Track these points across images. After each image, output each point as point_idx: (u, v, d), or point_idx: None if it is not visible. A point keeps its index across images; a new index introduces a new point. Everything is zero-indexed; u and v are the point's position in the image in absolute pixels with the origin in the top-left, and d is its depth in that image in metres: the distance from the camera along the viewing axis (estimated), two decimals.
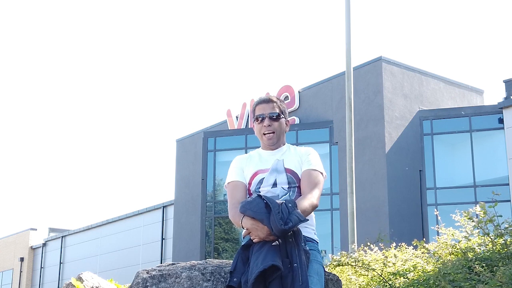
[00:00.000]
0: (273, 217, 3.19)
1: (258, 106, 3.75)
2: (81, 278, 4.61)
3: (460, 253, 5.54)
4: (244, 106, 25.29)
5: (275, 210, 3.22)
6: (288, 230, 3.19)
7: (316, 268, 3.38)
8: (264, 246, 3.24)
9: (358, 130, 20.29)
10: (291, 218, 3.21)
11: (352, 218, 12.00)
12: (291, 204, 3.28)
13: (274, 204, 3.27)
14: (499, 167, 19.74)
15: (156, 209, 30.07)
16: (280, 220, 3.17)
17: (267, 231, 3.24)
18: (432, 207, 19.33)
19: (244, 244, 3.39)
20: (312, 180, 3.54)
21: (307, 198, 3.44)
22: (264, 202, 3.29)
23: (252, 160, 3.72)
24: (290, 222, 3.19)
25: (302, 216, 3.26)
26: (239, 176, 3.68)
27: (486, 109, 20.49)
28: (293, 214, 3.23)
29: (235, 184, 3.66)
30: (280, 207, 3.24)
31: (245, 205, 3.37)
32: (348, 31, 13.09)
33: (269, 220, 3.21)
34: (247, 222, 3.33)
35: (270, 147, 3.73)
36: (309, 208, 3.41)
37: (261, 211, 3.26)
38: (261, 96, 3.83)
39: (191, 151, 27.31)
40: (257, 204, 3.30)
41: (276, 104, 3.74)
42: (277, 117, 3.71)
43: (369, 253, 6.38)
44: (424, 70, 22.52)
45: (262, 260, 3.14)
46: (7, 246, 41.20)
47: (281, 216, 3.19)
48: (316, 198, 3.48)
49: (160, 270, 3.54)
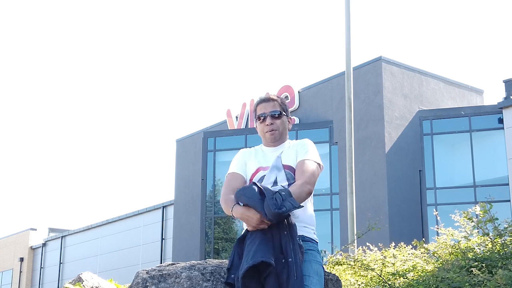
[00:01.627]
0: (267, 202, 3.19)
1: (259, 106, 3.76)
2: (81, 278, 4.61)
3: (460, 253, 5.54)
4: (244, 106, 25.31)
5: (269, 195, 3.22)
6: (281, 214, 3.18)
7: (316, 268, 3.38)
8: (256, 237, 3.24)
9: (358, 130, 20.30)
10: (285, 204, 3.20)
11: (352, 218, 12.00)
12: (285, 192, 3.27)
13: (268, 190, 3.28)
14: (499, 167, 19.75)
15: (156, 209, 30.08)
16: (274, 205, 3.18)
17: (258, 219, 3.24)
18: (431, 207, 19.33)
19: (239, 238, 3.40)
20: (306, 168, 3.51)
21: (300, 184, 3.42)
22: (258, 188, 3.30)
23: (257, 155, 3.73)
24: (284, 207, 3.18)
25: (296, 202, 3.25)
26: (240, 169, 3.68)
27: (486, 109, 20.49)
28: (287, 201, 3.22)
29: (234, 175, 3.66)
30: (274, 194, 3.24)
31: (240, 191, 3.37)
32: (348, 31, 13.09)
33: (262, 206, 3.21)
34: (238, 211, 3.34)
35: (273, 143, 3.74)
36: (303, 193, 3.37)
37: (255, 197, 3.26)
38: (261, 96, 3.84)
39: (191, 151, 27.32)
40: (251, 191, 3.31)
41: (277, 103, 3.75)
42: (278, 115, 3.72)
43: (368, 253, 6.38)
44: (424, 70, 22.53)
45: (253, 254, 3.14)
46: (7, 246, 41.20)
47: (275, 202, 3.20)
48: (310, 184, 3.43)
49: (160, 270, 3.54)
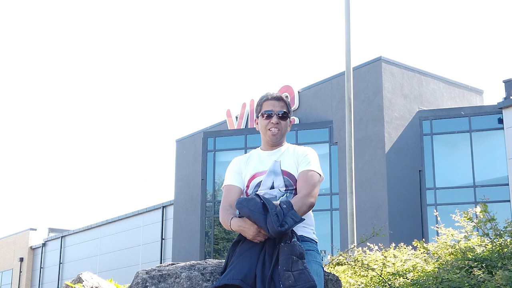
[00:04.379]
0: (270, 219, 3.18)
1: (267, 102, 3.72)
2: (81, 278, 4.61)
3: (460, 253, 5.54)
4: (244, 106, 25.31)
5: (272, 211, 3.21)
6: (284, 232, 3.18)
7: (315, 268, 3.37)
8: (248, 249, 3.26)
9: (358, 130, 20.29)
10: (287, 220, 3.19)
11: (352, 218, 11.99)
12: (286, 206, 3.27)
13: (272, 205, 3.25)
14: (499, 167, 19.75)
15: (156, 209, 30.07)
16: (277, 222, 3.16)
17: (254, 231, 3.25)
18: (431, 207, 19.33)
19: (234, 241, 3.41)
20: (308, 180, 3.51)
21: (302, 196, 3.42)
22: (262, 203, 3.28)
23: (251, 162, 3.71)
24: (286, 224, 3.18)
25: (297, 217, 3.25)
26: (235, 180, 3.67)
27: (485, 109, 20.49)
28: (288, 216, 3.21)
29: (230, 187, 3.66)
30: (276, 209, 3.23)
31: (242, 201, 3.34)
32: (348, 31, 13.09)
33: (265, 221, 3.20)
34: (235, 223, 3.35)
35: (271, 145, 3.72)
36: (304, 207, 3.38)
37: (258, 211, 3.24)
38: (270, 92, 3.80)
39: (191, 151, 27.31)
40: (254, 204, 3.28)
41: (285, 104, 3.74)
42: (285, 116, 3.71)
43: (368, 253, 6.38)
44: (423, 70, 22.53)
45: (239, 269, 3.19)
46: (6, 246, 41.19)
47: (277, 219, 3.18)
48: (312, 197, 3.44)
49: (159, 270, 3.54)
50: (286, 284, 3.07)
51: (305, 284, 3.08)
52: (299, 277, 3.09)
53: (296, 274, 3.10)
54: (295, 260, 3.15)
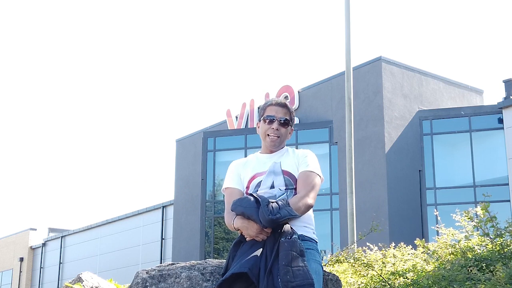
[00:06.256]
0: (261, 209, 3.24)
1: (271, 107, 3.75)
2: (81, 278, 4.61)
3: (460, 253, 5.54)
4: (244, 106, 25.31)
5: (263, 203, 3.27)
6: (276, 220, 3.22)
7: (315, 267, 3.38)
8: (251, 248, 3.28)
9: (358, 130, 20.29)
10: (281, 212, 3.26)
11: (352, 218, 11.99)
12: (283, 202, 3.34)
13: (263, 198, 3.33)
14: (499, 167, 19.75)
15: (156, 209, 30.08)
16: (267, 211, 3.23)
17: (257, 229, 3.28)
18: (431, 207, 19.33)
19: (236, 241, 3.43)
20: (308, 181, 3.54)
21: (301, 197, 3.46)
22: (255, 199, 3.34)
23: (249, 164, 3.74)
24: (278, 214, 3.24)
25: (293, 211, 3.31)
26: (235, 183, 3.70)
27: (485, 109, 20.50)
28: (283, 209, 3.28)
29: (231, 191, 3.68)
30: (271, 203, 3.29)
31: (236, 202, 3.42)
32: (348, 31, 13.08)
33: (257, 214, 3.26)
34: (238, 221, 3.38)
35: (270, 150, 3.75)
36: (302, 206, 3.42)
37: (251, 206, 3.31)
38: (275, 98, 3.83)
39: (191, 151, 27.31)
40: (247, 201, 3.35)
41: (289, 111, 3.76)
42: (286, 123, 3.73)
43: (368, 252, 6.38)
44: (423, 70, 22.53)
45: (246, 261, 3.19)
46: (6, 246, 41.20)
47: (270, 210, 3.24)
48: (311, 198, 3.47)
49: (159, 270, 3.54)
50: (284, 279, 3.10)
51: (303, 281, 3.10)
52: (298, 274, 3.12)
53: (295, 270, 3.13)
54: (295, 256, 3.18)
